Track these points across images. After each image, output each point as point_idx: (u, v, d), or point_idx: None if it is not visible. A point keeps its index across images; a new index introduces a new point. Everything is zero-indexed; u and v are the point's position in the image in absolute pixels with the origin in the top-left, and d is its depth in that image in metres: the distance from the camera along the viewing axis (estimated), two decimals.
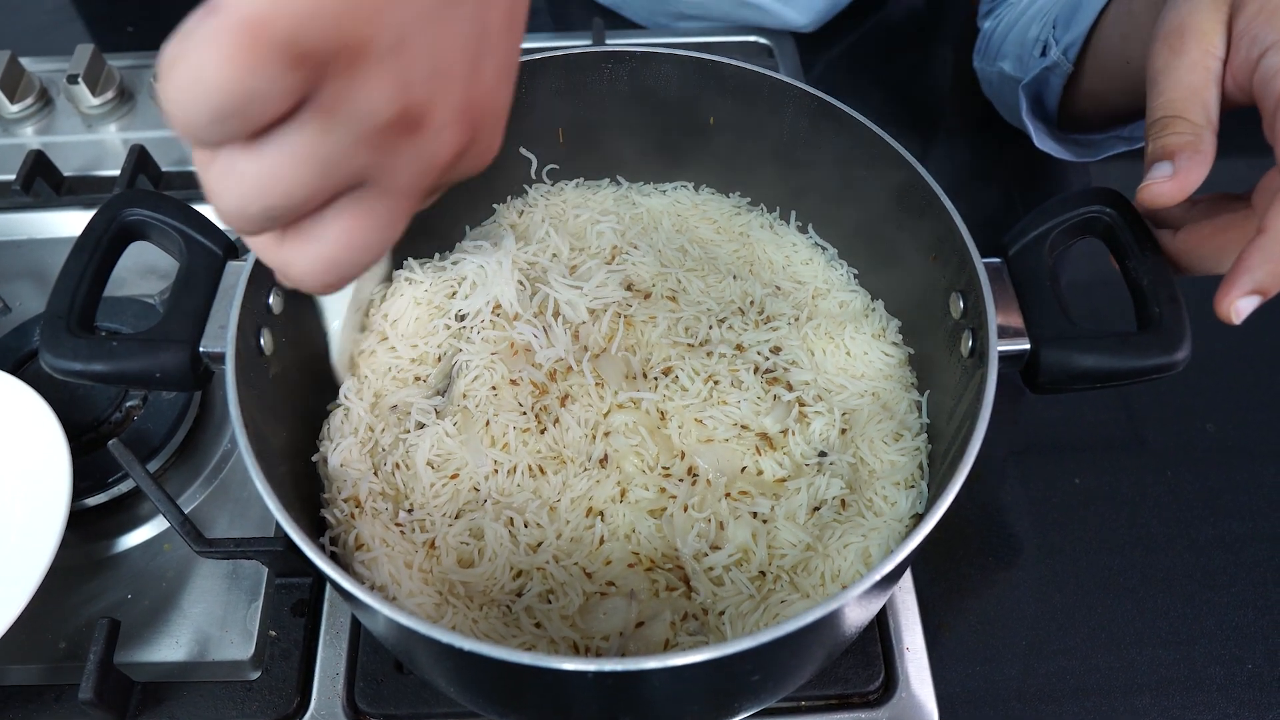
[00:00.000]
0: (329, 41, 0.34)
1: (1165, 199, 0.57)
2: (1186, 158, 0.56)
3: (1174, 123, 0.58)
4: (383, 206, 0.41)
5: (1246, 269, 0.54)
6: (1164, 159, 0.57)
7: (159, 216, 0.66)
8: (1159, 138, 0.58)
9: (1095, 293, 0.69)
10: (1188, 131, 0.57)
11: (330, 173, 0.38)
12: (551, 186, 0.89)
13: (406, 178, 0.41)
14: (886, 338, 0.80)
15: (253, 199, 0.37)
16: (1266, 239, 0.53)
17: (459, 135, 0.42)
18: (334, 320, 0.74)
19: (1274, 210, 0.53)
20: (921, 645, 0.77)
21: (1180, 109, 0.58)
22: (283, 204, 0.38)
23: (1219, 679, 0.78)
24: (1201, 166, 0.57)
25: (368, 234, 0.41)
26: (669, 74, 0.82)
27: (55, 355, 0.61)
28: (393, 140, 0.39)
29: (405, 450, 0.73)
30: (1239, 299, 0.55)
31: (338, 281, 0.43)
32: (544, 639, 0.66)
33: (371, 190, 0.40)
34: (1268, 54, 0.56)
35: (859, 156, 0.76)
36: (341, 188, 0.40)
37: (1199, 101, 0.58)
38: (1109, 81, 0.89)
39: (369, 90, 0.36)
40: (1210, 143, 0.57)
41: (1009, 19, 1.05)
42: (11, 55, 1.17)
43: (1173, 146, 0.57)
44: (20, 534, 0.75)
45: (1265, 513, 0.87)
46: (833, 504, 0.71)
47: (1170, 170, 0.57)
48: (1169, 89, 0.59)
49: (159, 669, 0.77)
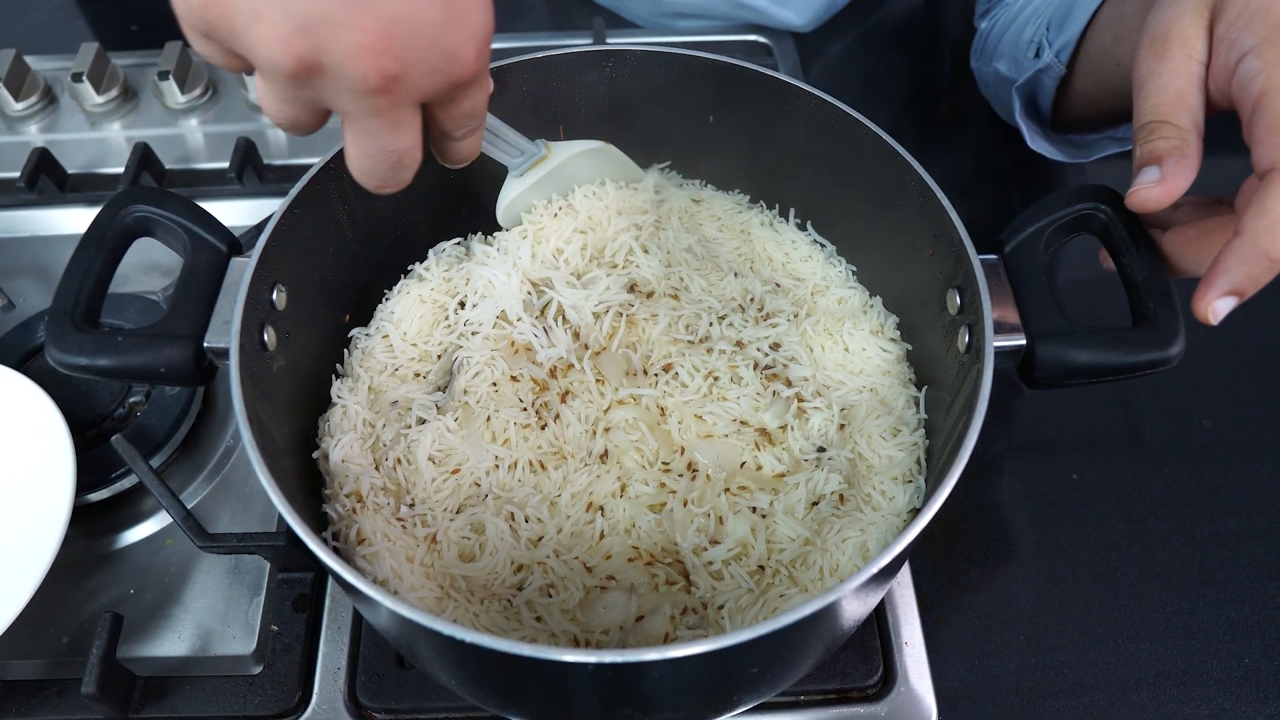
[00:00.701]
0: (205, 24, 0.46)
1: (1153, 204, 0.58)
2: (1173, 163, 0.57)
3: (1160, 128, 0.59)
4: (362, 127, 0.51)
5: (1223, 270, 0.55)
6: (1151, 164, 0.58)
7: (164, 213, 0.66)
8: (1146, 142, 0.59)
9: (1093, 290, 0.70)
10: (1174, 136, 0.58)
11: (292, 108, 0.50)
12: (598, 188, 0.87)
13: (353, 107, 0.49)
14: (884, 334, 0.81)
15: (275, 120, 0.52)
16: (1242, 241, 0.54)
17: (368, 63, 0.46)
18: None
19: (1250, 213, 0.54)
20: (920, 640, 0.77)
21: (1166, 114, 0.59)
22: (288, 126, 0.52)
23: (1216, 674, 0.78)
24: (1188, 171, 0.57)
25: (366, 147, 0.52)
26: (669, 73, 0.83)
27: (61, 350, 0.61)
28: (310, 82, 0.47)
29: (406, 445, 0.73)
30: (1215, 300, 0.56)
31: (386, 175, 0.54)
32: (545, 633, 0.66)
33: (347, 117, 0.51)
34: (1245, 59, 0.56)
35: (857, 154, 0.77)
36: (322, 113, 0.52)
37: (1184, 106, 0.59)
38: (1101, 83, 0.89)
39: (261, 50, 0.46)
40: (1196, 147, 0.58)
41: (1004, 19, 1.06)
42: (16, 53, 1.18)
43: (1159, 151, 0.58)
44: (24, 529, 0.76)
45: (1262, 508, 0.87)
46: (831, 499, 0.71)
47: (1158, 175, 0.58)
48: (1154, 94, 0.59)
49: (161, 664, 0.77)
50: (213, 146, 1.16)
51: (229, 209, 1.05)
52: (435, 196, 0.83)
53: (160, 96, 1.18)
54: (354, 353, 0.80)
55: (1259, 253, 0.53)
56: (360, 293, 0.83)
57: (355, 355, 0.80)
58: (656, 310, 0.79)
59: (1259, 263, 0.54)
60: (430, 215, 0.84)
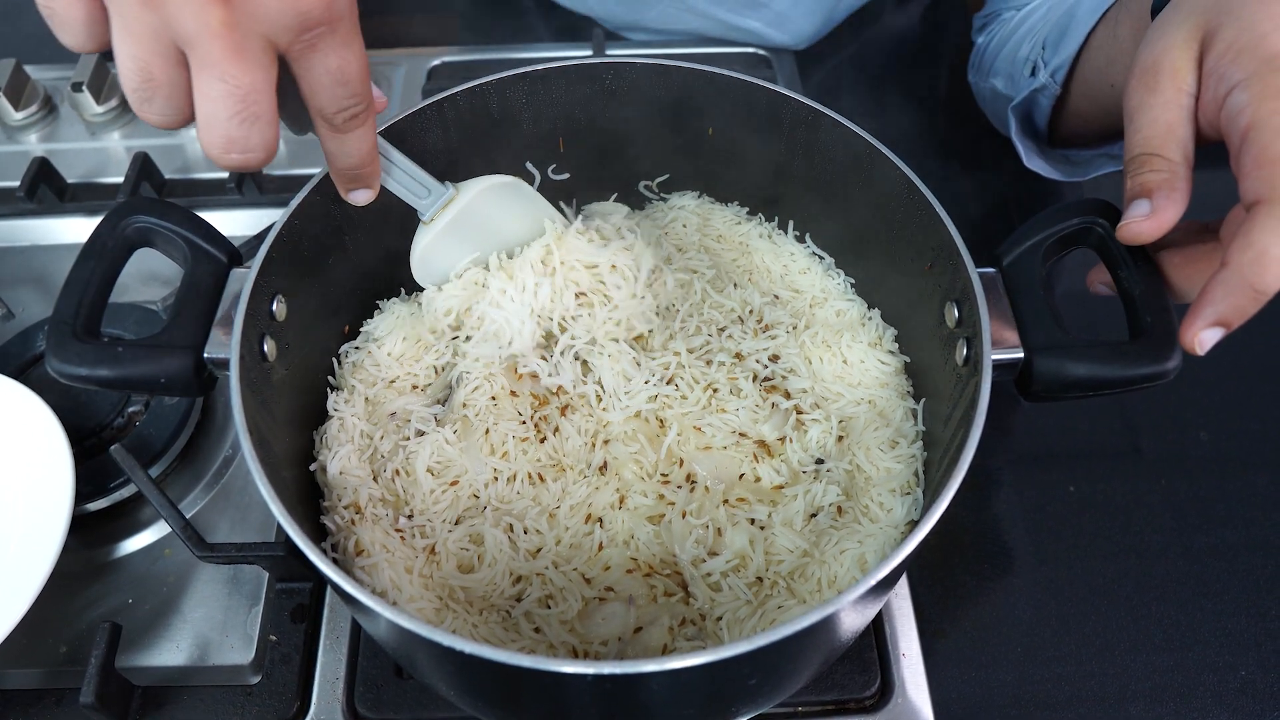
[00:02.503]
0: None
1: (1144, 237, 0.59)
2: (1164, 195, 0.58)
3: (1151, 160, 0.59)
4: (205, 58, 0.49)
5: (1209, 301, 0.55)
6: (1142, 196, 0.59)
7: (164, 224, 0.67)
8: (1136, 175, 0.59)
9: (1091, 303, 0.70)
10: (1164, 169, 0.58)
11: (142, 48, 0.49)
12: (646, 210, 0.86)
13: (195, 27, 0.48)
14: (883, 346, 0.81)
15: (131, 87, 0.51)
16: (1228, 273, 0.54)
17: None
18: None
19: (1236, 245, 0.54)
20: (918, 651, 0.77)
21: (1156, 146, 0.59)
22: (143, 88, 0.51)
23: (1213, 686, 0.78)
24: (1178, 204, 0.58)
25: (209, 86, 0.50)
26: (669, 85, 0.83)
27: (61, 360, 0.61)
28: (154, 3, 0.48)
29: (405, 457, 0.73)
30: (1202, 330, 0.56)
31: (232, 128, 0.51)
32: (543, 644, 0.67)
33: (192, 51, 0.49)
34: (1233, 92, 0.57)
35: (855, 167, 0.77)
36: (174, 59, 0.50)
37: (1174, 139, 0.59)
38: (1095, 103, 0.90)
39: None
40: (1186, 179, 0.58)
41: (1001, 35, 1.07)
42: (16, 63, 1.18)
43: (1150, 184, 0.58)
44: (22, 538, 0.76)
45: (1259, 521, 0.87)
46: (829, 510, 0.72)
47: (1148, 209, 0.58)
48: (1145, 126, 0.60)
49: (160, 673, 0.77)
50: None
51: (229, 219, 1.05)
52: None
53: None
54: (344, 365, 0.80)
55: (1244, 285, 0.54)
56: (360, 304, 0.83)
57: (346, 367, 0.80)
58: None
59: (1244, 294, 0.54)
60: None
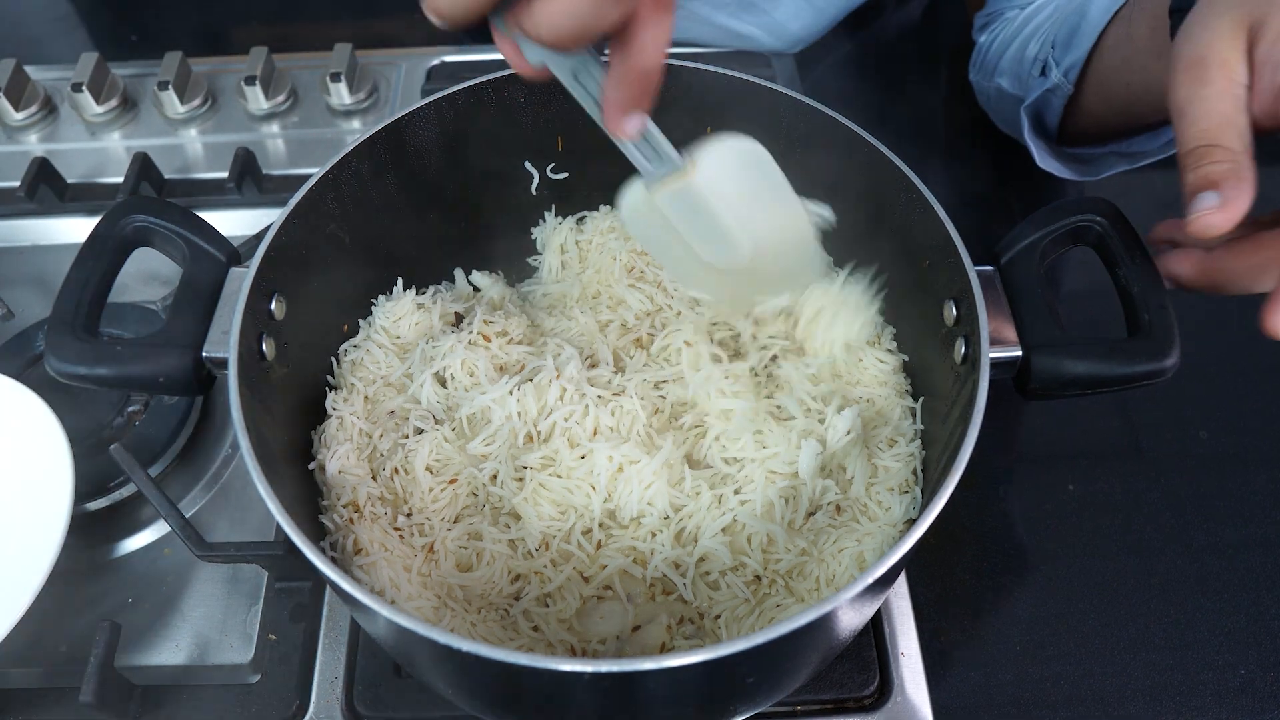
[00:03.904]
0: None
1: (1217, 229, 0.56)
2: (1232, 185, 0.55)
3: (1212, 151, 0.56)
4: None
5: None
6: (1208, 188, 0.56)
7: (163, 223, 0.67)
8: (1198, 167, 0.57)
9: (1089, 301, 0.70)
10: (1227, 159, 0.56)
11: None
12: None
13: None
14: (881, 344, 0.81)
15: None
16: None
17: None
18: None
19: None
20: (917, 650, 0.77)
21: (1216, 137, 0.57)
22: None
23: (1212, 685, 0.78)
24: (1247, 193, 0.56)
25: None
26: (666, 83, 0.82)
27: (60, 359, 0.62)
28: None
29: (404, 455, 0.73)
30: None
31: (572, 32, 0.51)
32: (541, 642, 0.67)
33: None
34: None
35: (853, 165, 0.77)
36: None
37: (1233, 128, 0.57)
38: (1108, 103, 0.89)
39: None
40: (1250, 169, 0.56)
41: (1005, 35, 1.06)
42: (16, 63, 1.18)
43: (1214, 175, 0.56)
44: (22, 537, 0.76)
45: (1259, 519, 0.87)
46: (827, 509, 0.72)
47: (1217, 200, 0.55)
48: (1201, 118, 0.57)
49: (159, 672, 0.77)
50: (212, 156, 1.16)
51: (228, 219, 1.05)
52: (433, 213, 0.84)
53: (160, 106, 1.19)
54: (344, 363, 0.80)
55: None
56: (359, 303, 0.83)
57: (345, 366, 0.80)
58: None
59: None
60: (428, 231, 0.85)
